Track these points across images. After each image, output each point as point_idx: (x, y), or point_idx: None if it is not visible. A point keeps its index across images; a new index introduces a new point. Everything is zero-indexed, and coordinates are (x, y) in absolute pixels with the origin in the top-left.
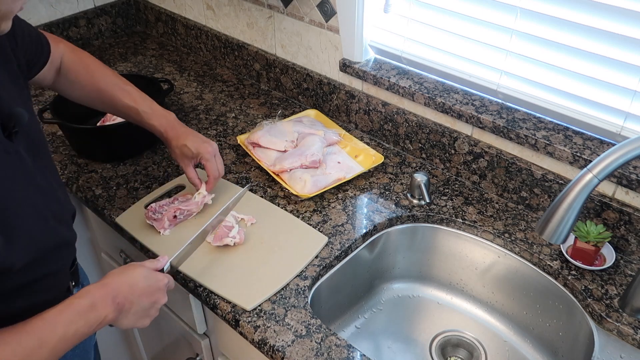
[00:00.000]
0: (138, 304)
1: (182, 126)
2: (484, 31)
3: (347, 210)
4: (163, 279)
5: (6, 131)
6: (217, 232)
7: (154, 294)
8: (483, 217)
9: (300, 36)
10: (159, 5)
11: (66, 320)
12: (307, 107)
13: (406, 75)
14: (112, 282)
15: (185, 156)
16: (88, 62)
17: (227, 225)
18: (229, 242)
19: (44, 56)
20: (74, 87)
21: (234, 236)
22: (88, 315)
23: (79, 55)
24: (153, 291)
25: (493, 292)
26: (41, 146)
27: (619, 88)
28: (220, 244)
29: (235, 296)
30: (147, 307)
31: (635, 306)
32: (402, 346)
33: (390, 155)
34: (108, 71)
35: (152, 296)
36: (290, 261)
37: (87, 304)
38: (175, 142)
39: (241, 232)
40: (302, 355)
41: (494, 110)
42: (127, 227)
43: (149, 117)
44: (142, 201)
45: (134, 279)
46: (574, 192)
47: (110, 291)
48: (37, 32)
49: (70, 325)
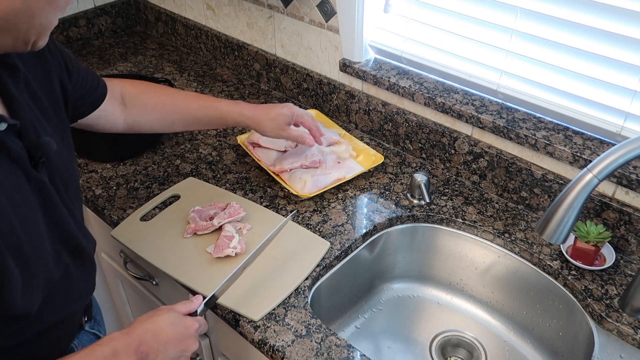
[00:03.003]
0: (164, 353)
1: (257, 105)
2: (484, 31)
3: (347, 210)
4: (193, 325)
5: (32, 160)
6: (217, 242)
7: (182, 342)
8: (483, 217)
9: (300, 36)
10: (159, 5)
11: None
12: (307, 107)
13: (406, 75)
14: (136, 329)
15: (282, 122)
16: (148, 84)
17: (227, 235)
18: (229, 252)
19: (100, 88)
20: (146, 110)
21: (235, 246)
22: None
23: (136, 81)
24: (182, 339)
25: (493, 292)
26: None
27: (619, 88)
28: (221, 255)
29: (241, 307)
30: (175, 356)
31: (635, 306)
32: (402, 346)
33: (390, 155)
34: (170, 88)
35: (180, 344)
36: (293, 269)
37: (109, 353)
38: (266, 115)
39: (242, 241)
40: (302, 355)
41: (494, 110)
42: (124, 241)
43: (227, 107)
44: (137, 213)
45: (159, 326)
46: (574, 192)
47: (135, 339)
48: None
49: None
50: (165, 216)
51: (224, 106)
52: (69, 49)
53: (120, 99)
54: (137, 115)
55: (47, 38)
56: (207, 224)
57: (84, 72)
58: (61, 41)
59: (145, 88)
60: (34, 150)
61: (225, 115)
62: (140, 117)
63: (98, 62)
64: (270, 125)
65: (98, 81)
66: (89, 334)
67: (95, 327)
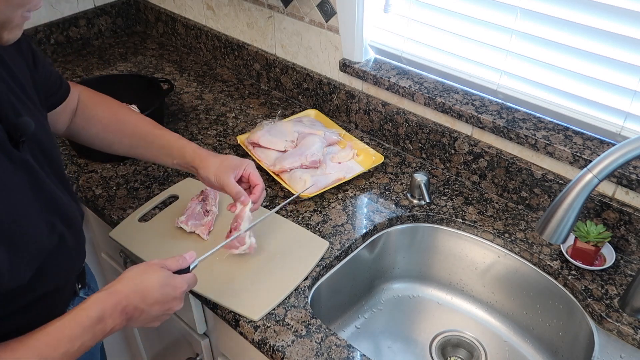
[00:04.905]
0: (148, 313)
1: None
2: (484, 31)
3: (347, 210)
4: (182, 286)
5: (13, 140)
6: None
7: (168, 303)
8: (483, 217)
9: (300, 36)
10: (159, 5)
11: (71, 336)
12: (307, 107)
13: (406, 75)
14: (123, 289)
15: (228, 167)
16: (106, 98)
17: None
18: (242, 250)
19: (62, 91)
20: (91, 123)
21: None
22: (94, 328)
23: (97, 93)
24: (168, 300)
25: (493, 292)
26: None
27: (619, 88)
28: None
29: (240, 307)
30: (159, 315)
31: (635, 306)
32: (402, 346)
33: (390, 155)
34: (127, 107)
35: (165, 304)
36: (293, 269)
37: (95, 317)
38: (213, 157)
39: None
40: (302, 355)
41: (494, 110)
42: (122, 242)
43: (177, 138)
44: (135, 214)
45: (147, 287)
46: (574, 192)
47: (121, 300)
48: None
49: (75, 340)
50: (163, 217)
51: (175, 138)
52: (69, 49)
53: (74, 106)
54: (79, 126)
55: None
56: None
57: (48, 72)
58: (61, 41)
59: (100, 100)
60: (13, 130)
61: (174, 145)
62: (82, 128)
63: (98, 62)
64: (214, 166)
65: (61, 83)
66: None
67: (89, 293)
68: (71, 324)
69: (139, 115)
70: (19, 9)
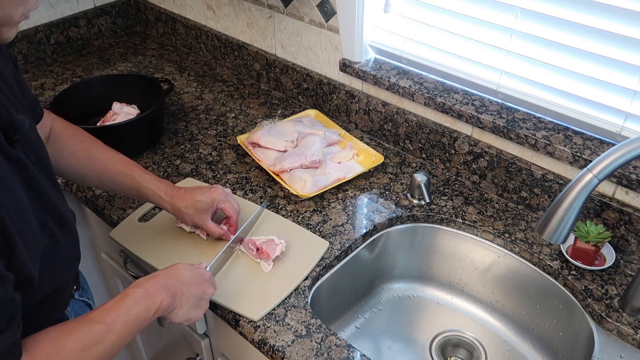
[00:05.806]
0: (189, 293)
1: (180, 187)
2: (484, 31)
3: (347, 210)
4: (206, 273)
5: (8, 139)
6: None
7: (201, 284)
8: (483, 217)
9: (300, 36)
10: (159, 5)
11: (126, 306)
12: (307, 107)
13: (406, 75)
14: (160, 274)
15: (201, 211)
16: (79, 131)
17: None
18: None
19: (37, 111)
20: (63, 154)
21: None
22: (145, 301)
23: (70, 125)
24: (200, 281)
25: (493, 292)
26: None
27: (619, 88)
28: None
29: (240, 307)
30: (198, 297)
31: (635, 306)
32: (402, 346)
33: (390, 155)
34: (100, 142)
35: (200, 286)
36: (293, 269)
37: (141, 292)
38: (183, 202)
39: None
40: (302, 355)
41: (494, 110)
42: (122, 242)
43: (146, 181)
44: (135, 214)
45: (180, 271)
46: (574, 192)
47: (160, 280)
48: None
49: (130, 310)
50: (163, 217)
51: (145, 180)
52: (69, 49)
53: (47, 132)
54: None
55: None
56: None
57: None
58: (61, 41)
59: (73, 132)
60: (8, 128)
61: (143, 189)
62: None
63: (98, 62)
64: (187, 212)
65: (37, 103)
66: (79, 302)
67: (84, 295)
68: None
69: (111, 153)
70: (19, 7)
